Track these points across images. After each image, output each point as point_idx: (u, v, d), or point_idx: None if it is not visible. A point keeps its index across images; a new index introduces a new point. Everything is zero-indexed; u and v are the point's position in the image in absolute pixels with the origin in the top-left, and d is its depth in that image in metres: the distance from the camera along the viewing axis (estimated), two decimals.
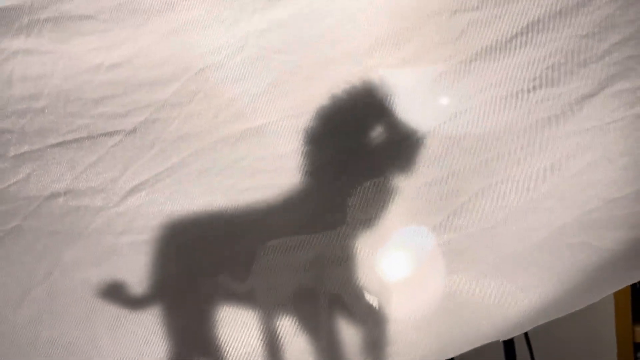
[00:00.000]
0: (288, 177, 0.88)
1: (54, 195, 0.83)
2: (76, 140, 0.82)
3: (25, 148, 0.82)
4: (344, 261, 0.91)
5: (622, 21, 0.88)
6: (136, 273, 0.88)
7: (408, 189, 0.92)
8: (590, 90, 0.90)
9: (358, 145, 0.89)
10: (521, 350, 1.38)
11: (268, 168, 0.88)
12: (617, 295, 1.65)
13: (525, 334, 1.40)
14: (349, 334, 0.93)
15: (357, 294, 0.93)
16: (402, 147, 0.90)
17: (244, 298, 0.91)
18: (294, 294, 0.92)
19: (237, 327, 0.90)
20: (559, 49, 0.88)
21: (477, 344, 0.94)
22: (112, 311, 0.88)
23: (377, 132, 0.90)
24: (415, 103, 0.90)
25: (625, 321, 1.68)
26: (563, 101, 0.90)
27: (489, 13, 0.87)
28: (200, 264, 0.89)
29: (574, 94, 0.90)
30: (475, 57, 0.88)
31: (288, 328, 0.92)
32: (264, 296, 0.91)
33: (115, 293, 0.86)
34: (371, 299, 0.94)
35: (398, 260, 0.97)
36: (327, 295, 0.92)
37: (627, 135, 0.91)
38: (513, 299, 0.94)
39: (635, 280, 0.97)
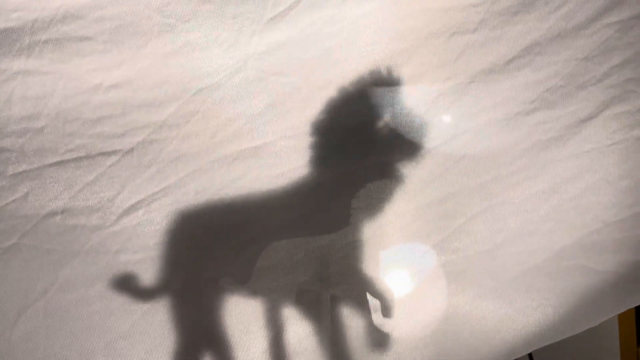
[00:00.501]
0: (285, 197, 0.88)
1: (51, 214, 0.84)
2: (74, 160, 0.83)
3: (24, 167, 0.82)
4: (347, 262, 0.91)
5: (621, 44, 0.88)
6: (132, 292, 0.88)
7: (406, 209, 0.92)
8: (589, 113, 0.90)
9: (362, 150, 0.89)
10: None
11: (264, 188, 0.88)
12: (622, 316, 1.63)
13: (529, 355, 1.38)
14: (352, 336, 0.93)
15: (359, 298, 0.93)
16: (404, 160, 0.90)
17: (246, 300, 0.91)
18: (296, 296, 0.92)
19: (240, 329, 0.90)
20: (558, 71, 0.88)
21: None
22: (108, 330, 0.87)
23: (380, 141, 0.90)
24: (413, 123, 0.90)
25: (630, 343, 1.66)
26: (562, 124, 0.90)
27: (487, 36, 0.87)
28: (203, 266, 0.89)
29: (573, 117, 0.89)
30: (473, 79, 0.88)
31: (291, 330, 0.92)
32: (266, 297, 0.91)
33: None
34: (372, 303, 0.93)
35: (396, 279, 0.96)
36: (329, 298, 0.92)
37: (627, 158, 0.90)
38: (512, 322, 0.93)
39: (637, 304, 0.96)
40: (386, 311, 0.93)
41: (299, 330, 0.92)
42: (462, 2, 0.87)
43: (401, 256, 0.95)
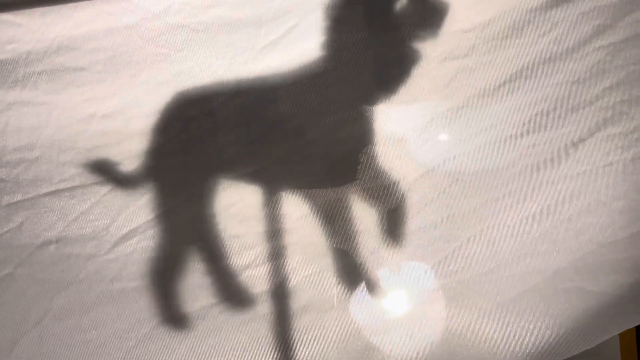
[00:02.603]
0: (277, 223, 0.88)
1: (46, 243, 0.84)
2: (68, 189, 0.84)
3: (19, 197, 0.83)
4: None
5: (612, 67, 0.88)
6: (127, 320, 0.88)
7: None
8: (581, 135, 0.90)
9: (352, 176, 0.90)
10: None
11: (257, 215, 0.88)
12: (623, 334, 1.62)
13: None
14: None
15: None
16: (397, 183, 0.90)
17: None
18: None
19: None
20: (549, 95, 0.89)
21: None
22: (102, 358, 0.87)
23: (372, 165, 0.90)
24: (406, 148, 0.90)
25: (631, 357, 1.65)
26: (554, 146, 0.90)
27: (478, 60, 0.88)
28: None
29: (565, 139, 0.90)
30: (465, 103, 0.89)
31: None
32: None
33: None
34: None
35: (393, 302, 0.96)
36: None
37: (622, 179, 0.90)
38: (507, 345, 0.92)
39: (634, 325, 0.95)
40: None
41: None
42: (453, 27, 0.87)
43: (398, 279, 0.95)
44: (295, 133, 0.87)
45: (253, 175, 0.87)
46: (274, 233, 0.89)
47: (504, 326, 0.92)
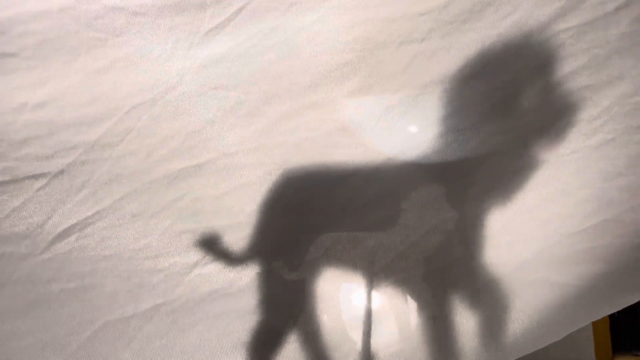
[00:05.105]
0: (228, 217, 0.84)
1: None
2: None
3: None
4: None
5: (575, 50, 0.85)
6: (67, 324, 0.82)
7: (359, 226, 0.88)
8: (544, 122, 0.87)
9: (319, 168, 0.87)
10: None
11: (207, 209, 0.84)
12: (596, 324, 1.61)
13: None
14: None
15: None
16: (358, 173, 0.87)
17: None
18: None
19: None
20: (510, 80, 0.86)
21: None
22: None
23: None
24: (363, 137, 0.86)
25: (605, 351, 1.65)
26: (516, 134, 0.87)
27: (436, 45, 0.84)
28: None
29: (527, 127, 0.87)
30: (423, 90, 0.85)
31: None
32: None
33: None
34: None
35: (354, 297, 0.93)
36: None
37: (586, 167, 0.88)
38: (472, 338, 0.90)
39: (601, 317, 0.93)
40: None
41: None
42: (409, 10, 0.84)
43: (357, 272, 0.92)
44: (244, 120, 0.82)
45: (200, 168, 0.83)
46: (225, 228, 0.84)
47: (470, 319, 0.90)
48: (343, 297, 0.91)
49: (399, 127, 0.86)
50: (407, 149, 0.87)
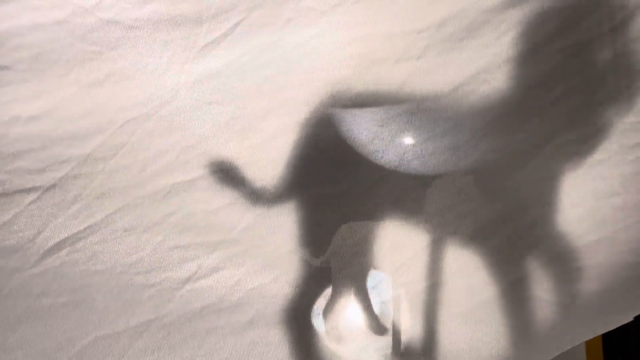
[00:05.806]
0: (222, 233, 0.83)
1: None
2: None
3: None
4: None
5: (569, 70, 0.86)
6: (57, 338, 0.81)
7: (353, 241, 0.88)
8: (537, 141, 0.87)
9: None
10: None
11: (200, 224, 0.83)
12: None
13: None
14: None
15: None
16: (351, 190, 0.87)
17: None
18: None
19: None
20: (505, 99, 0.86)
21: None
22: None
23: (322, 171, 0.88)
24: (357, 153, 0.86)
25: (597, 357, 1.65)
26: (510, 152, 0.87)
27: (432, 62, 0.84)
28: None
29: (521, 146, 0.87)
30: (418, 106, 0.85)
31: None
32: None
33: None
34: None
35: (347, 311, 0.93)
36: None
37: (578, 186, 0.88)
38: (463, 357, 0.89)
39: (592, 336, 0.93)
40: None
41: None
42: (406, 28, 0.84)
43: (351, 287, 0.91)
44: (239, 135, 0.82)
45: (193, 183, 0.82)
46: (217, 244, 0.84)
47: (461, 338, 0.89)
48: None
49: (395, 143, 0.86)
50: (402, 165, 0.87)
